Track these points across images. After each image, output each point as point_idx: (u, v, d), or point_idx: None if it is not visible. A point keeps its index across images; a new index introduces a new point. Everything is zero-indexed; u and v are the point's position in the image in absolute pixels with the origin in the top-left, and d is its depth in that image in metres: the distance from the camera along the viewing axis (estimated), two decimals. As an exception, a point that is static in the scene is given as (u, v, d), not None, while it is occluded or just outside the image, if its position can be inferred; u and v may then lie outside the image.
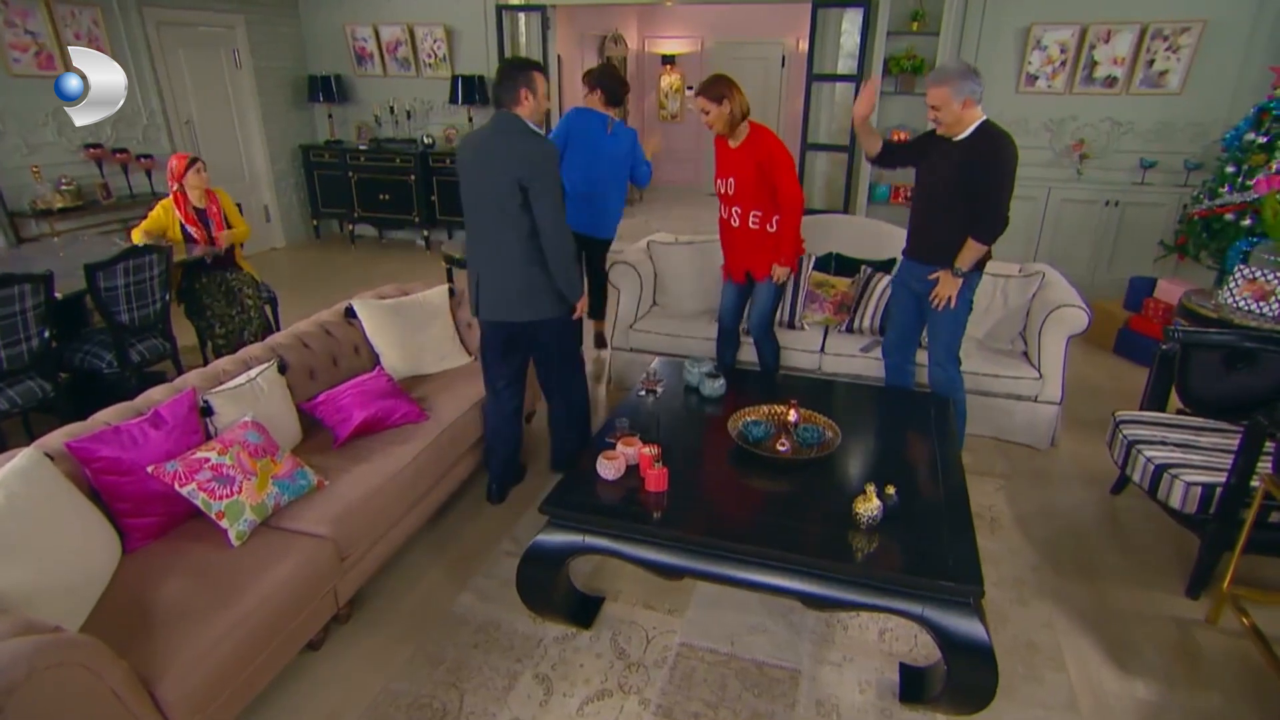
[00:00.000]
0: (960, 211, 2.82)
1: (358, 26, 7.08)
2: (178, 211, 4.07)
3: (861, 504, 2.06)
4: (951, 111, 2.72)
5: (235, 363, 2.72)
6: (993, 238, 2.79)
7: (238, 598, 1.92)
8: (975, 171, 2.73)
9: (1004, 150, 2.69)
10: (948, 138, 2.83)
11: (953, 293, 2.92)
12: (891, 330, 3.32)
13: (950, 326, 3.04)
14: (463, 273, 4.52)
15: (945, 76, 2.70)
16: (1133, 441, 2.77)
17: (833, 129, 6.22)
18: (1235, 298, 3.48)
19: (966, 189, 2.77)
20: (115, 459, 2.09)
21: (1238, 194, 4.26)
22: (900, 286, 3.23)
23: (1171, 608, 2.55)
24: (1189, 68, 5.20)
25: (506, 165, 2.52)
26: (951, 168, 2.81)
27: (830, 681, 2.21)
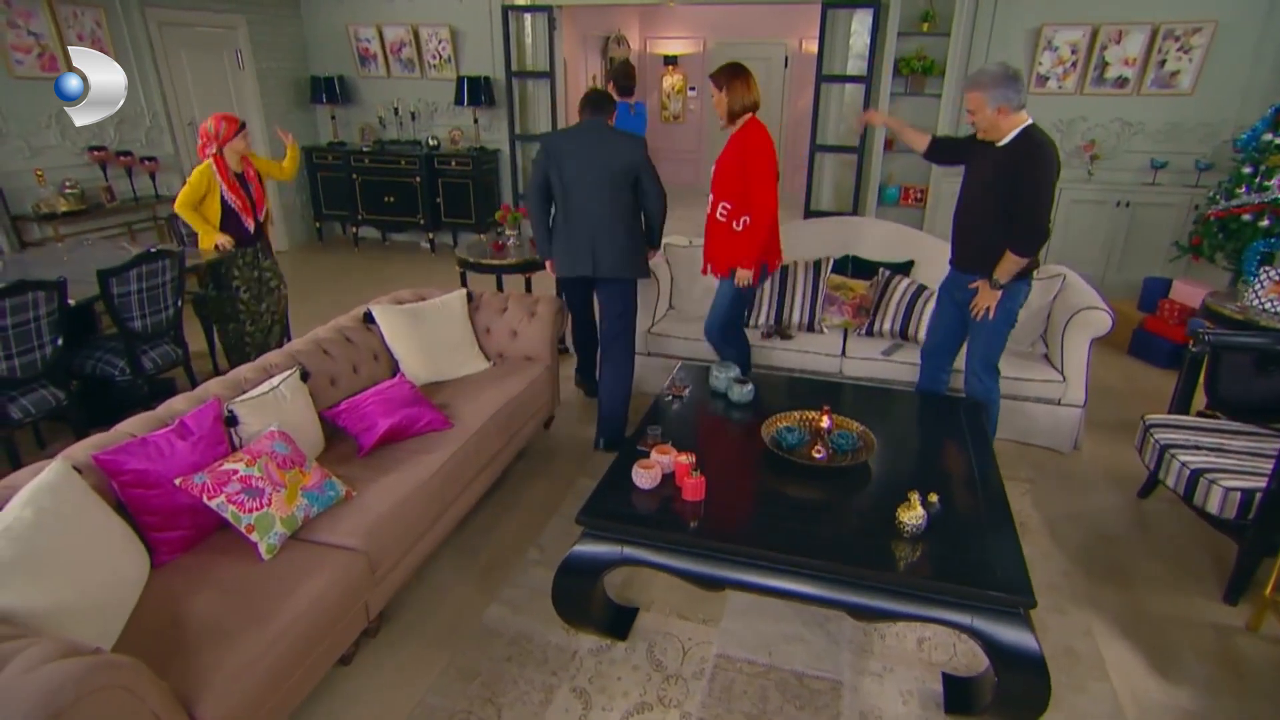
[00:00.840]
0: (999, 220, 2.76)
1: (361, 27, 7.02)
2: (219, 177, 3.81)
3: (905, 512, 2.03)
4: (986, 116, 2.68)
5: (255, 370, 2.67)
6: (1032, 250, 2.72)
7: (273, 614, 1.87)
8: (1014, 180, 2.67)
9: (1042, 159, 2.61)
10: (990, 142, 2.78)
11: (991, 304, 2.86)
12: (930, 336, 3.29)
13: (988, 338, 2.98)
14: (480, 276, 4.49)
15: (980, 81, 2.66)
16: (1165, 446, 2.75)
17: (841, 130, 6.20)
18: (1261, 299, 3.47)
19: (1005, 197, 2.71)
20: (143, 471, 2.04)
21: (1255, 194, 4.25)
22: (943, 293, 3.18)
23: (1210, 614, 2.53)
24: (1200, 68, 5.20)
25: (620, 157, 3.19)
26: (991, 174, 2.76)
27: (872, 692, 2.18)
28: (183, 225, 4.45)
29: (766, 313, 3.99)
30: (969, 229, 2.93)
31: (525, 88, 6.89)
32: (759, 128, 3.20)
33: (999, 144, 2.75)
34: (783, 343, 3.85)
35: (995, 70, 2.68)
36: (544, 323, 3.49)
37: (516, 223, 4.49)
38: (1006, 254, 2.76)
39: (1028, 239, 2.70)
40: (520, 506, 3.11)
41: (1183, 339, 4.41)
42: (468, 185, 6.90)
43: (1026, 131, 2.68)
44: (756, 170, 3.14)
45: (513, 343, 3.51)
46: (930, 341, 3.28)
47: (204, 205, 3.85)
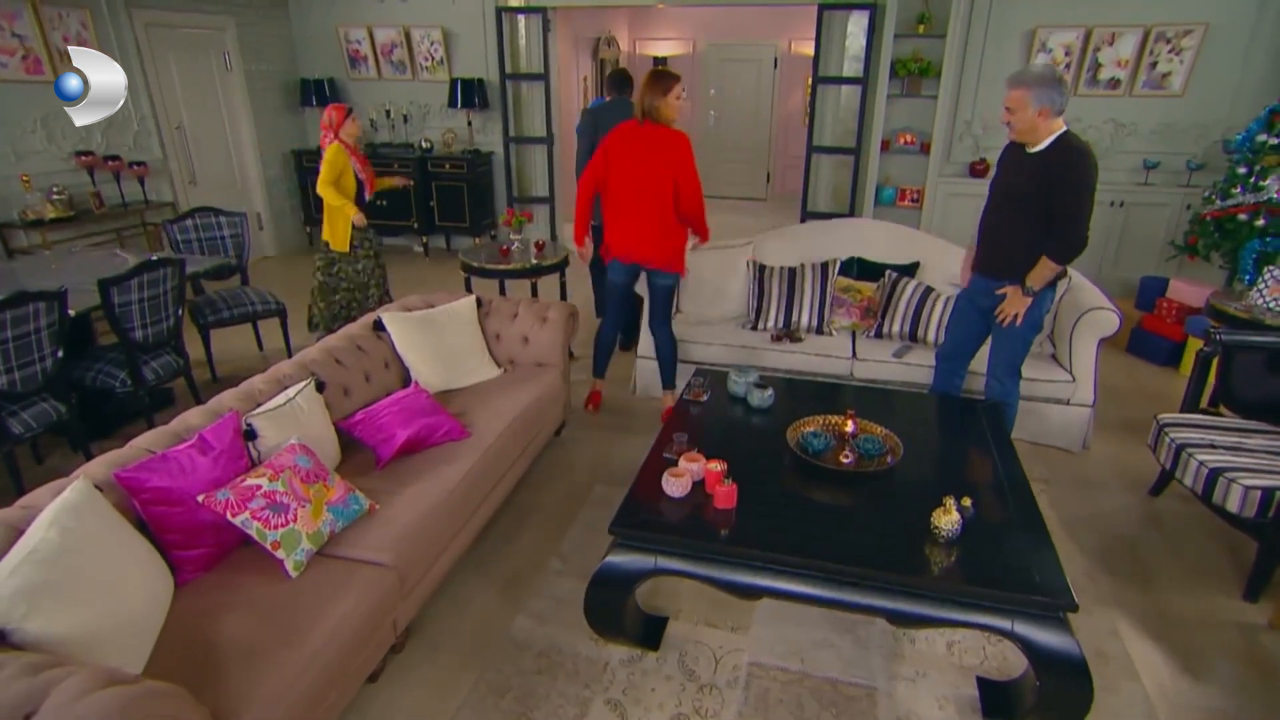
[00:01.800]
0: (1032, 227, 2.73)
1: (351, 28, 6.93)
2: (352, 157, 4.25)
3: (941, 517, 2.03)
4: (1026, 117, 2.62)
5: (269, 381, 2.62)
6: (1070, 258, 2.71)
7: (306, 632, 1.83)
8: (1052, 187, 2.64)
9: (1082, 165, 2.58)
10: (1023, 147, 2.74)
11: (1020, 310, 2.83)
12: (949, 339, 3.27)
13: (1015, 344, 2.97)
14: (483, 281, 4.44)
15: (1025, 79, 2.60)
16: (1181, 445, 2.78)
17: (838, 131, 6.22)
18: (1266, 299, 3.52)
19: (1041, 205, 2.68)
20: (165, 489, 1.99)
21: (1251, 194, 4.32)
22: (964, 298, 3.16)
23: (1232, 612, 2.55)
24: (1191, 70, 5.28)
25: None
26: (1026, 181, 2.71)
27: (907, 698, 2.17)
28: (175, 231, 4.39)
29: (775, 316, 3.99)
30: (998, 235, 2.89)
31: (519, 90, 6.84)
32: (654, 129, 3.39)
33: (1032, 149, 2.71)
34: (793, 345, 3.85)
35: (1041, 70, 2.63)
36: (556, 329, 3.45)
37: (521, 226, 4.45)
38: (1043, 260, 2.73)
39: (1067, 247, 2.68)
40: (537, 516, 3.07)
41: (1181, 337, 4.48)
42: (462, 188, 6.83)
43: (1064, 138, 2.64)
44: None
45: (524, 349, 3.47)
46: (948, 344, 3.27)
47: (340, 183, 4.24)
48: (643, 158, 3.34)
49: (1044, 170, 2.66)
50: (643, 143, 3.34)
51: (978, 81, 5.65)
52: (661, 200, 3.37)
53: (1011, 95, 2.63)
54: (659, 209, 3.39)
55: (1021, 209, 2.76)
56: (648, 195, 3.38)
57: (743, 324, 4.09)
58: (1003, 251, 2.88)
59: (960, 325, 3.22)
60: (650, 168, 3.34)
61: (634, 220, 3.46)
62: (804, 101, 9.80)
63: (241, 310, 4.22)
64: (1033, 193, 2.70)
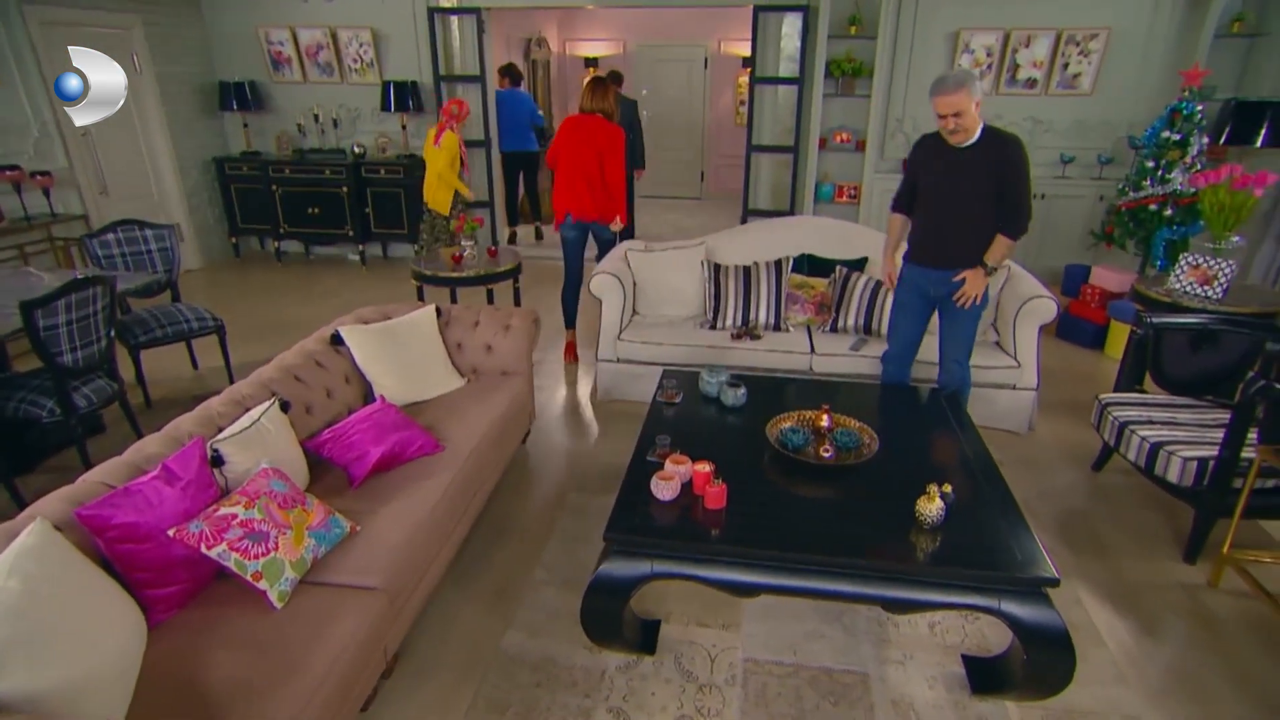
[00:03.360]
0: (985, 214, 2.91)
1: (272, 29, 6.63)
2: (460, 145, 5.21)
3: (925, 504, 2.10)
4: (970, 115, 2.75)
5: (228, 403, 2.48)
6: (1023, 231, 2.94)
7: (302, 665, 1.74)
8: (1003, 173, 2.82)
9: (1020, 147, 2.84)
10: (946, 145, 2.89)
11: (981, 290, 3.00)
12: (897, 342, 3.35)
13: (971, 325, 3.14)
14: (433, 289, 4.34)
15: (960, 81, 2.72)
16: (1124, 423, 2.97)
17: (777, 131, 6.36)
18: (1183, 283, 3.80)
19: (991, 191, 2.85)
20: (132, 525, 1.85)
21: (1159, 187, 4.66)
22: (911, 295, 3.24)
23: (1175, 574, 2.75)
24: (1098, 71, 5.65)
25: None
26: (974, 173, 2.86)
27: (899, 681, 2.25)
28: (95, 246, 4.12)
29: (733, 314, 4.05)
30: (949, 229, 3.02)
31: (455, 92, 6.69)
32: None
33: (963, 144, 2.86)
34: (752, 343, 3.91)
35: (959, 71, 2.83)
36: (520, 336, 3.40)
37: (473, 232, 4.36)
38: (1000, 239, 2.93)
39: (1021, 223, 2.92)
40: (515, 526, 3.02)
41: (1104, 321, 4.79)
42: (399, 194, 6.64)
43: (990, 128, 2.86)
44: None
45: (487, 357, 3.40)
46: (899, 345, 3.36)
47: (454, 166, 5.20)
48: (584, 141, 4.23)
49: (989, 159, 2.83)
50: (585, 131, 4.25)
51: (908, 81, 5.88)
52: (596, 173, 4.29)
53: (953, 100, 2.74)
54: (595, 178, 4.29)
55: (972, 200, 2.92)
56: (589, 168, 4.26)
57: (701, 323, 4.14)
58: (956, 243, 3.02)
59: (909, 323, 3.32)
60: (590, 148, 4.23)
61: (578, 187, 4.29)
62: (735, 101, 9.98)
63: (176, 328, 3.97)
64: (984, 182, 2.86)
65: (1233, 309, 3.63)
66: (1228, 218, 3.78)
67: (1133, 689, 2.23)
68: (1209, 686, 2.25)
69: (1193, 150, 4.63)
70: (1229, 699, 2.21)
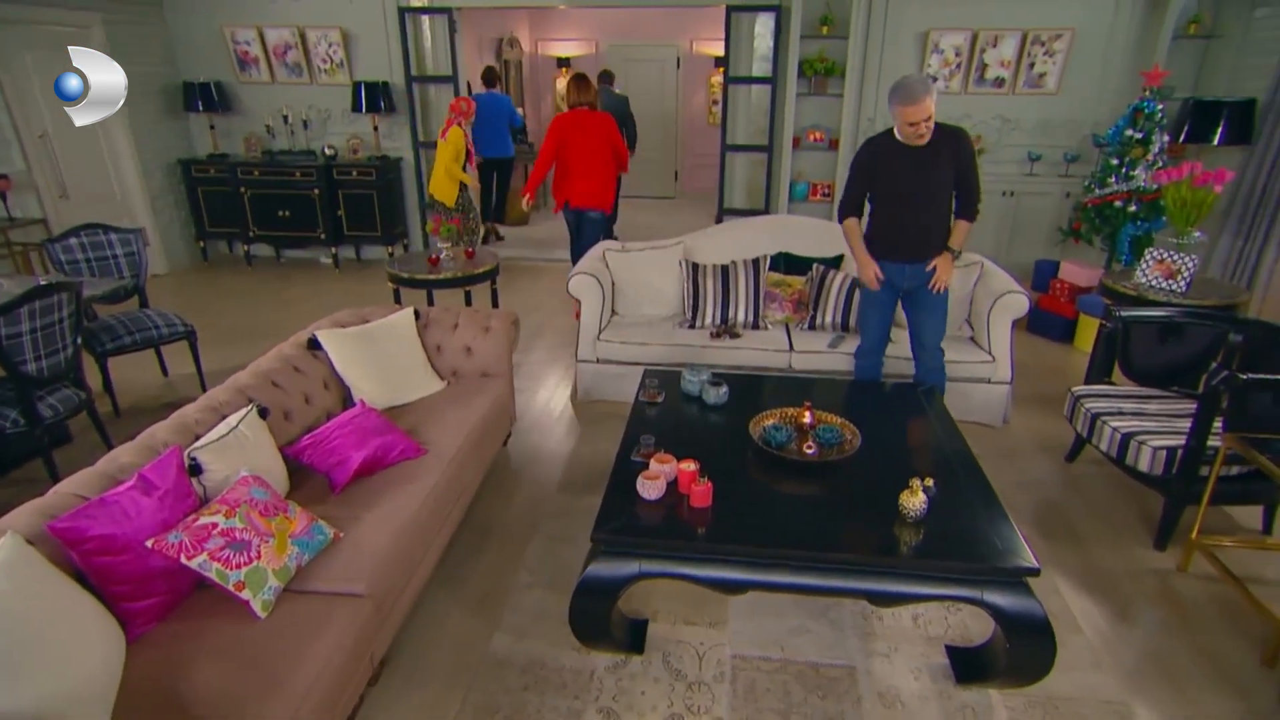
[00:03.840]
0: (945, 205, 3.11)
1: (238, 29, 6.50)
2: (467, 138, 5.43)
3: (909, 498, 2.13)
4: (933, 118, 2.90)
5: (204, 410, 2.43)
6: (977, 213, 3.18)
7: (289, 675, 1.71)
8: (962, 164, 3.05)
9: (967, 137, 3.08)
10: (900, 145, 3.02)
11: (951, 274, 3.17)
12: (870, 337, 3.42)
13: (944, 312, 3.28)
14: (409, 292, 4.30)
15: (927, 86, 2.85)
16: (1096, 414, 3.05)
17: (751, 130, 6.39)
18: (1149, 277, 3.90)
19: (947, 182, 3.06)
20: (109, 537, 1.81)
21: (1123, 184, 4.78)
22: (883, 290, 3.30)
23: (1146, 561, 2.82)
24: (1063, 70, 5.76)
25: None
26: (941, 168, 3.02)
27: (884, 673, 2.28)
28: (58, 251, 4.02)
29: (712, 313, 4.07)
30: (923, 224, 3.14)
31: (427, 93, 6.63)
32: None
33: (919, 144, 2.99)
34: (731, 341, 3.93)
35: (917, 77, 2.92)
36: (500, 338, 3.38)
37: (450, 234, 4.33)
38: (961, 224, 3.17)
39: (977, 205, 3.15)
40: (498, 530, 3.00)
41: (1073, 315, 4.90)
42: (371, 196, 6.56)
43: (939, 124, 2.99)
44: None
45: (467, 360, 3.38)
46: (872, 340, 3.43)
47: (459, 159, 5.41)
48: (590, 132, 4.80)
49: (949, 152, 3.02)
50: (586, 123, 4.80)
51: (879, 80, 5.95)
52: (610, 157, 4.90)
53: (921, 107, 2.86)
54: (609, 163, 4.90)
55: (938, 193, 3.10)
56: (605, 154, 4.87)
57: (680, 323, 4.15)
58: (928, 235, 3.16)
59: (881, 317, 3.40)
60: (599, 138, 4.80)
61: (583, 178, 4.86)
62: (708, 100, 10.02)
63: (145, 335, 3.88)
64: (947, 174, 3.04)
65: (1196, 302, 3.74)
66: (1190, 213, 3.89)
67: (1109, 674, 2.28)
68: (1181, 668, 2.32)
69: (1155, 148, 4.75)
70: (1200, 680, 2.27)
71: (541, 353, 4.79)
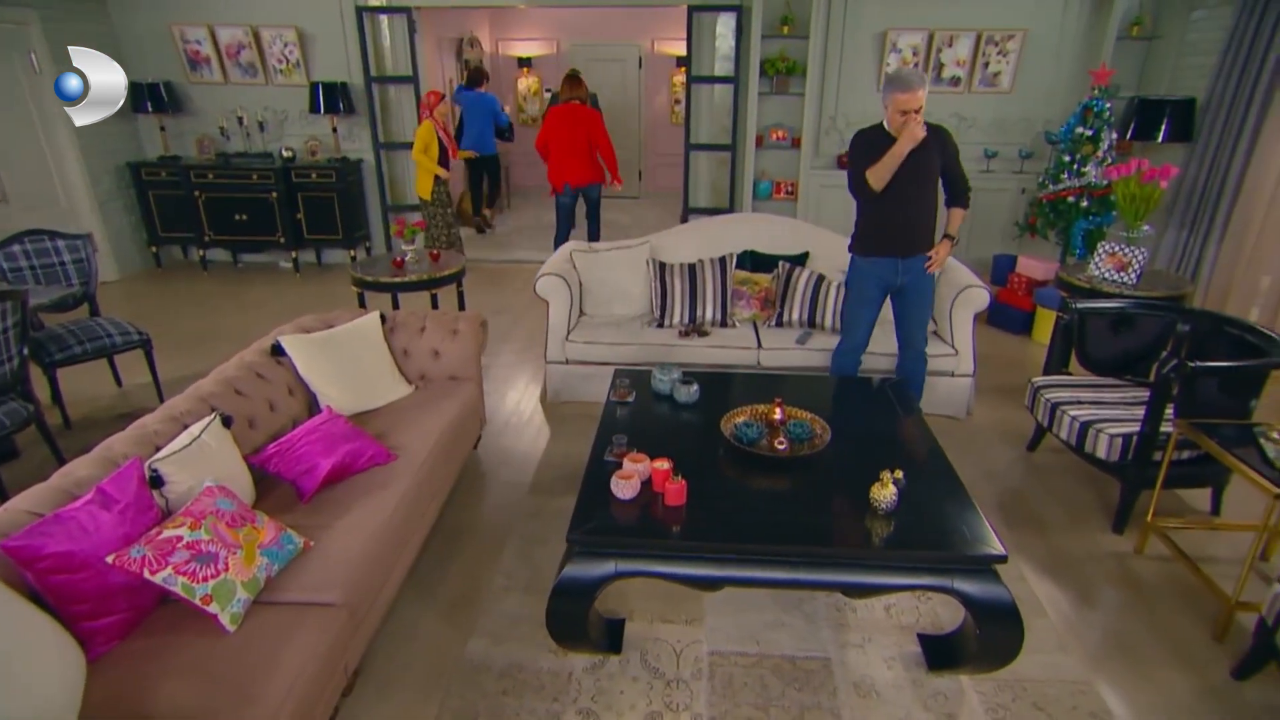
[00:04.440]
0: (936, 197, 3.19)
1: (187, 27, 6.32)
2: (438, 130, 5.61)
3: (879, 491, 2.17)
4: (923, 110, 2.94)
5: (164, 420, 2.36)
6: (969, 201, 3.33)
7: (262, 689, 1.68)
8: (950, 156, 3.17)
9: (948, 130, 3.19)
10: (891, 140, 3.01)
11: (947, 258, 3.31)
12: (856, 335, 3.44)
13: (930, 303, 3.42)
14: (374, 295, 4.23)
15: (921, 78, 2.92)
16: (1055, 403, 3.14)
17: (714, 129, 6.43)
18: (1101, 270, 4.03)
19: (936, 174, 3.15)
20: (66, 554, 1.75)
21: (1075, 179, 4.92)
22: (873, 288, 3.34)
23: (1105, 544, 2.92)
24: (1016, 70, 5.92)
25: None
26: (932, 162, 3.09)
27: (859, 663, 2.31)
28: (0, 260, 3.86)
29: (680, 312, 4.08)
30: (921, 218, 3.20)
31: (386, 93, 6.53)
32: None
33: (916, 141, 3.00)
34: (700, 340, 3.95)
35: (910, 68, 2.95)
36: (468, 340, 3.35)
37: (414, 236, 4.27)
38: (956, 212, 3.29)
39: (967, 194, 3.29)
40: (471, 533, 2.97)
41: (1031, 307, 5.03)
42: (332, 199, 6.43)
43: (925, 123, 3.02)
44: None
45: (435, 363, 3.34)
46: (857, 339, 3.46)
47: (428, 151, 5.59)
48: (571, 125, 5.62)
49: (937, 146, 3.09)
50: (570, 118, 5.61)
51: (839, 79, 6.04)
52: (585, 149, 5.69)
53: (914, 95, 2.92)
54: (584, 153, 5.71)
55: (931, 186, 3.18)
56: (579, 146, 5.66)
57: (648, 322, 4.16)
58: (925, 228, 3.24)
59: (870, 315, 3.43)
60: (579, 130, 5.62)
61: (571, 162, 5.69)
62: (670, 100, 10.05)
63: (96, 344, 3.75)
64: (936, 167, 3.13)
65: (1146, 293, 3.87)
66: (1138, 208, 4.03)
67: (1073, 655, 2.35)
68: (1140, 647, 2.40)
69: (1104, 145, 4.91)
70: (1157, 657, 2.36)
71: (510, 355, 4.76)
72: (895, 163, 3.01)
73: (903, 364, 3.51)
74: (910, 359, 3.47)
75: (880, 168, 3.03)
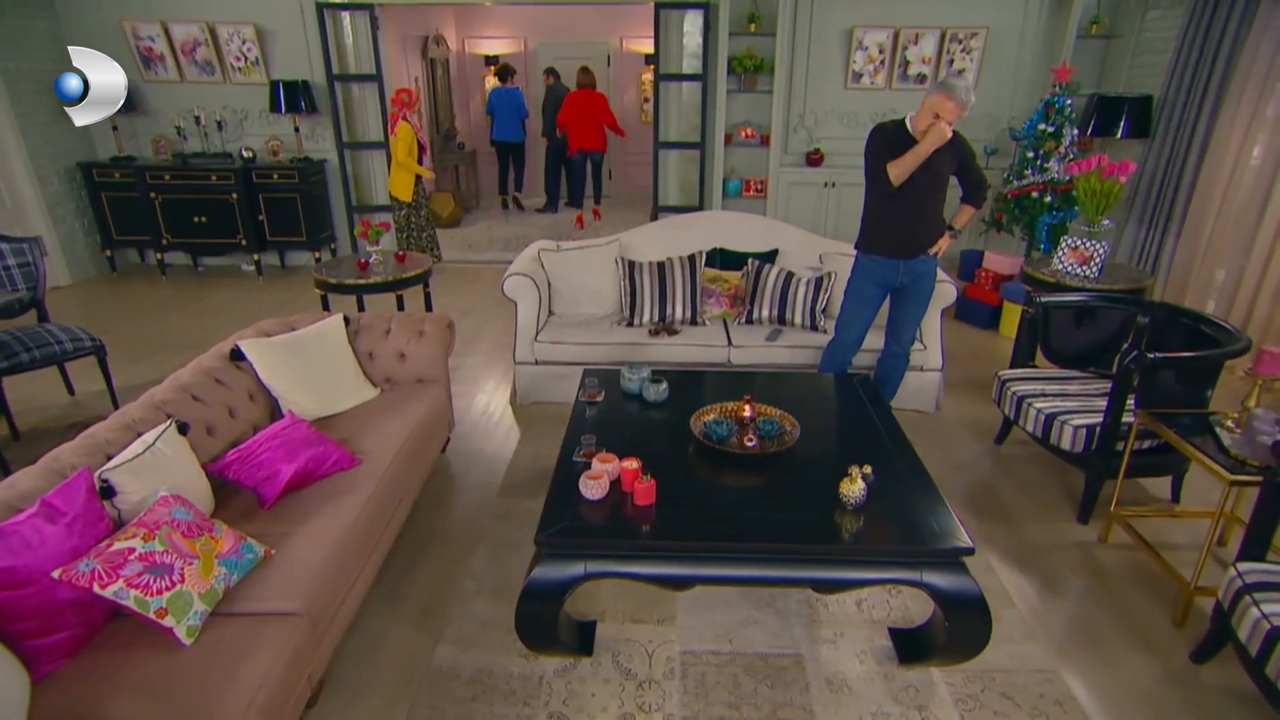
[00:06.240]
0: (943, 197, 3.21)
1: (140, 23, 6.15)
2: (415, 131, 5.63)
3: (848, 486, 2.17)
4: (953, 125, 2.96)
5: (116, 429, 2.28)
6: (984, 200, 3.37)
7: (217, 705, 1.62)
8: (966, 157, 3.19)
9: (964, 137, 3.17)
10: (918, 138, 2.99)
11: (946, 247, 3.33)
12: (853, 334, 3.43)
13: (928, 303, 3.43)
14: (338, 298, 4.15)
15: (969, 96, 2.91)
16: (1021, 396, 3.18)
17: (683, 127, 6.42)
18: (1065, 264, 4.10)
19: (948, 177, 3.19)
20: (9, 570, 1.67)
21: (1038, 175, 5.00)
22: (875, 287, 3.34)
23: (1070, 534, 2.96)
24: (980, 67, 6.01)
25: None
26: (946, 164, 3.10)
27: (831, 659, 2.31)
28: None
29: (650, 310, 4.06)
30: (930, 218, 3.19)
31: (349, 92, 6.42)
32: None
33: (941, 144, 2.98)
34: (670, 338, 3.94)
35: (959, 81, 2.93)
36: (434, 341, 3.29)
37: (378, 237, 4.20)
38: (966, 209, 3.33)
39: (983, 193, 3.33)
40: (439, 538, 2.93)
41: (998, 302, 5.10)
42: (295, 200, 6.30)
43: None
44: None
45: (401, 366, 3.28)
46: (853, 335, 3.45)
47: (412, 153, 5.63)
48: (587, 106, 8.03)
49: (953, 148, 3.08)
50: (585, 100, 8.01)
51: (807, 76, 6.08)
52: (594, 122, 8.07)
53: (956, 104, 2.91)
54: (596, 125, 8.08)
55: (943, 187, 3.20)
56: (593, 120, 8.07)
57: (618, 321, 4.13)
58: (923, 231, 3.23)
59: (869, 313, 3.42)
60: (591, 109, 8.06)
61: (587, 131, 8.07)
62: (639, 98, 10.02)
63: (46, 351, 3.61)
64: (951, 169, 3.15)
65: (1107, 286, 3.94)
66: (1099, 203, 4.10)
67: (1040, 644, 2.38)
68: (1104, 634, 2.44)
69: (1066, 141, 5.00)
70: (1121, 644, 2.40)
71: (478, 356, 4.70)
72: (918, 160, 2.99)
73: (883, 361, 3.53)
74: (891, 357, 3.49)
75: (902, 163, 3.01)
